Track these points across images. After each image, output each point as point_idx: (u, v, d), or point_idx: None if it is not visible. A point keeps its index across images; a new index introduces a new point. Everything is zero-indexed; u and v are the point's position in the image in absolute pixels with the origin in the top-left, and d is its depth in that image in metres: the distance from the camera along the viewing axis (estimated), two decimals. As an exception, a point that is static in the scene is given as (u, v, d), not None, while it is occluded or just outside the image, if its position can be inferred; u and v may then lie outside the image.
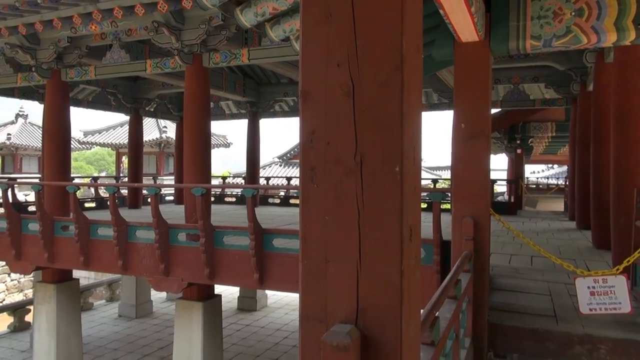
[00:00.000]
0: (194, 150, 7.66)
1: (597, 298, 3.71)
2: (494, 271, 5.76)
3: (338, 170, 1.22)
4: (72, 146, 12.27)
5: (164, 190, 15.97)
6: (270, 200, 14.40)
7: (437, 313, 2.76)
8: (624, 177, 5.27)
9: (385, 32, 1.17)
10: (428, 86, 11.48)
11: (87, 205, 12.01)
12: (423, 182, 18.09)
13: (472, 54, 3.72)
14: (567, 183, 14.49)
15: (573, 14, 3.47)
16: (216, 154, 29.98)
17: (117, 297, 14.04)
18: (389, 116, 1.17)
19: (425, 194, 9.19)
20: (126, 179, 15.15)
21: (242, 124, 20.33)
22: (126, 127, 14.22)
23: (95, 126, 26.35)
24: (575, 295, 3.85)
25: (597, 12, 3.41)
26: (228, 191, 15.56)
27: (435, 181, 15.12)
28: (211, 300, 7.66)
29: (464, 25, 3.31)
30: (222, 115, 15.49)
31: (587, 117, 8.40)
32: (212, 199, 15.32)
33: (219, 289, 9.22)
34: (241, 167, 22.27)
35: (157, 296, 14.09)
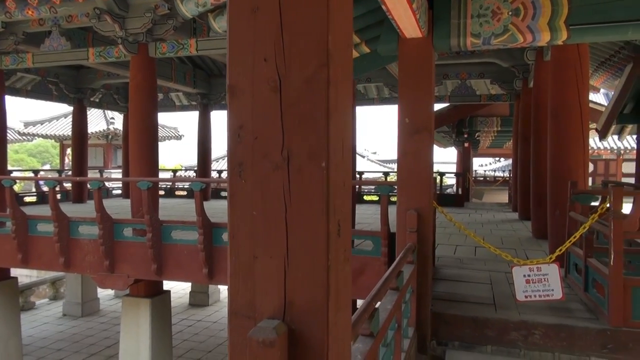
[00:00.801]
0: (140, 143, 7.43)
1: (532, 286, 3.90)
2: (440, 262, 5.94)
3: (265, 165, 1.21)
4: (9, 137, 11.61)
5: (111, 184, 15.44)
6: (223, 193, 14.20)
7: (379, 304, 2.82)
8: (559, 171, 5.55)
9: (311, 27, 1.16)
10: (379, 80, 11.63)
11: (27, 199, 11.42)
12: (375, 175, 18.35)
13: (415, 49, 3.79)
14: (511, 176, 15.09)
15: (510, 13, 3.60)
16: (167, 147, 29.25)
17: (62, 295, 13.48)
18: (315, 112, 1.17)
19: (374, 187, 9.31)
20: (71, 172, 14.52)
21: (195, 116, 19.89)
22: (71, 118, 13.61)
23: (37, 117, 25.03)
24: (514, 283, 4.03)
25: (532, 12, 3.55)
26: (179, 185, 15.22)
27: (386, 174, 15.37)
28: (159, 297, 7.49)
29: (407, 21, 3.36)
30: (172, 107, 15.11)
31: (528, 112, 8.77)
32: (162, 192, 14.97)
33: (169, 284, 9.03)
34: (193, 160, 21.83)
35: (105, 293, 13.63)
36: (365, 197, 13.52)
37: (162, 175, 18.04)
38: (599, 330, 3.64)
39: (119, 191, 14.95)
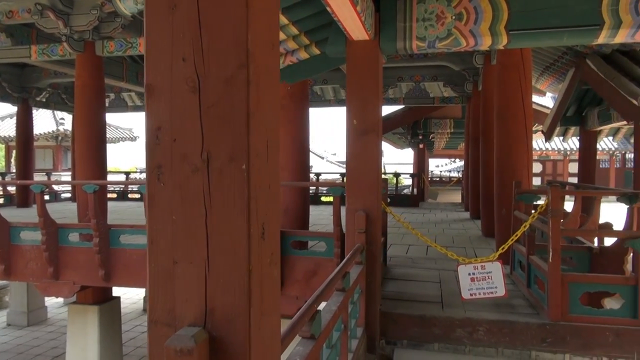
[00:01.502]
0: (87, 144, 7.16)
1: (477, 284, 4.00)
2: (392, 261, 6.02)
3: (185, 168, 1.18)
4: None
5: (60, 187, 14.83)
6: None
7: (324, 305, 2.82)
8: (505, 171, 5.73)
9: (229, 27, 1.14)
10: (336, 82, 11.69)
11: (-34, 204, 10.81)
12: (334, 177, 18.43)
13: (363, 52, 3.82)
14: (463, 176, 15.50)
15: (454, 17, 3.69)
16: (122, 148, 28.34)
17: (6, 304, 12.81)
18: (234, 113, 1.15)
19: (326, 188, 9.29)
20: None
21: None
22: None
23: (-21, 117, 23.73)
24: (459, 282, 4.12)
25: (474, 17, 3.65)
26: (133, 187, 14.79)
27: (344, 175, 15.46)
28: (108, 303, 7.24)
29: (353, 23, 3.38)
30: (124, 107, 14.67)
31: (477, 114, 9.03)
32: (114, 195, 14.51)
33: (120, 290, 8.75)
34: (148, 161, 21.18)
35: (53, 301, 13.06)
36: (322, 199, 13.56)
37: (115, 177, 17.49)
38: (539, 324, 3.78)
39: (69, 195, 14.37)
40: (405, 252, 6.72)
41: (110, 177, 15.82)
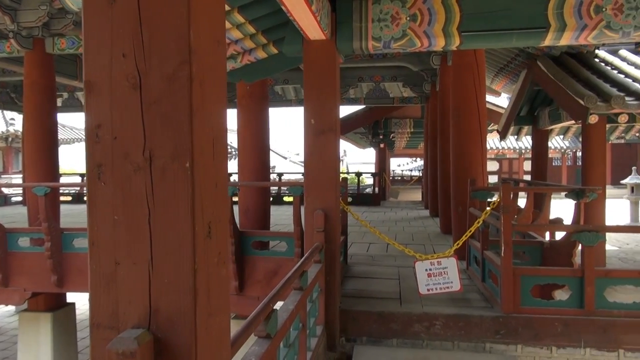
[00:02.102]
0: (37, 145, 6.88)
1: (433, 279, 4.09)
2: (352, 259, 6.08)
3: (126, 166, 1.15)
4: None
5: (11, 191, 14.21)
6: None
7: (282, 305, 2.82)
8: (460, 169, 5.89)
9: (170, 23, 1.12)
10: (297, 82, 11.69)
11: None
12: (297, 177, 18.42)
13: (319, 51, 3.83)
14: (423, 175, 15.81)
15: (408, 18, 3.75)
16: (78, 150, 27.38)
17: (-49, 315, 12.15)
18: (177, 111, 1.13)
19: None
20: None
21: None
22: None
23: None
24: (416, 278, 4.19)
25: (428, 19, 3.72)
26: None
27: (307, 175, 15.46)
28: (62, 310, 6.99)
29: (308, 23, 3.39)
30: (79, 107, 14.17)
31: (435, 114, 9.23)
32: (69, 198, 14.01)
33: (75, 296, 8.43)
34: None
35: (4, 310, 12.48)
36: (285, 199, 13.53)
37: (70, 180, 16.86)
38: (493, 317, 3.90)
39: (20, 198, 13.78)
40: (366, 250, 6.79)
41: (64, 179, 15.27)
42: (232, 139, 17.56)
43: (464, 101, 5.83)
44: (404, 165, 40.59)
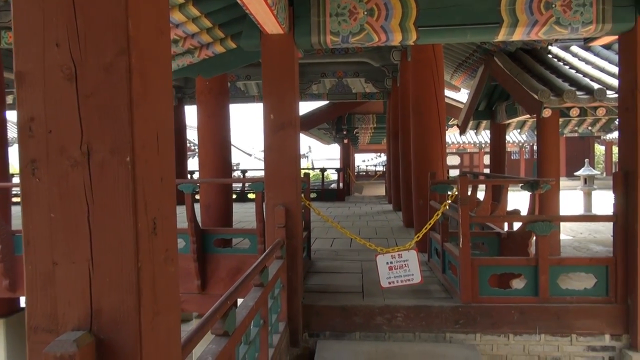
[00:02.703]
0: (-16, 144, 6.54)
1: (395, 272, 4.13)
2: (316, 255, 6.08)
3: (63, 162, 1.10)
4: None
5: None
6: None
7: (241, 302, 2.78)
8: (421, 163, 5.97)
9: (107, 10, 1.07)
10: (259, 78, 11.58)
11: None
12: (261, 173, 18.30)
13: (277, 46, 3.80)
14: (386, 170, 15.99)
15: (365, 13, 3.76)
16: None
17: None
18: (116, 103, 1.09)
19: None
20: None
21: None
22: None
23: None
24: (378, 271, 4.23)
25: (385, 13, 3.75)
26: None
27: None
28: (16, 316, 6.68)
29: (265, 17, 3.35)
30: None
31: (397, 109, 9.33)
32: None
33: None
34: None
35: (-47, 318, 11.88)
36: (249, 196, 13.41)
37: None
38: (452, 307, 3.98)
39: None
40: (330, 245, 6.81)
41: (16, 180, 14.63)
42: (193, 136, 17.26)
43: (423, 96, 5.91)
44: (368, 161, 40.95)
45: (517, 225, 6.09)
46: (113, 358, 1.11)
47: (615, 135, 18.61)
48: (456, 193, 4.25)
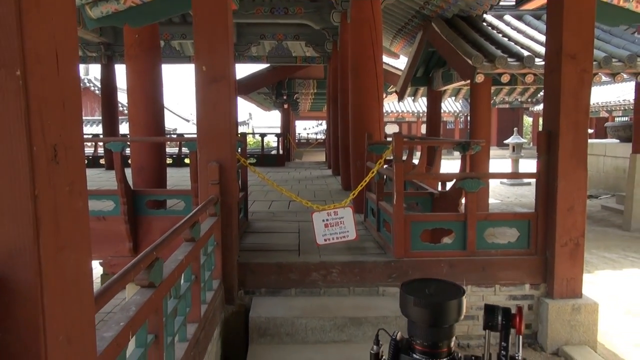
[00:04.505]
0: None
1: (330, 229, 4.16)
2: (254, 216, 6.02)
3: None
4: None
5: None
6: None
7: (171, 256, 2.69)
8: (359, 125, 5.99)
9: None
10: (189, 37, 11.08)
11: None
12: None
13: (209, -7, 3.60)
14: (326, 136, 16.04)
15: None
16: None
17: None
18: (2, 10, 0.95)
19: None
20: None
21: None
22: None
23: None
24: (314, 229, 4.24)
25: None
26: None
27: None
28: None
29: (195, -42, 3.14)
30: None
31: (336, 74, 9.27)
32: None
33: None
34: None
35: None
36: (186, 161, 13.01)
37: None
38: (386, 262, 4.08)
39: None
40: (268, 207, 6.77)
41: None
42: (123, 99, 16.42)
43: (361, 56, 5.88)
44: (309, 129, 40.93)
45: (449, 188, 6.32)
46: (10, 294, 1.02)
47: (542, 107, 19.67)
48: (391, 150, 4.30)
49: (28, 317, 1.03)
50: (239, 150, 5.02)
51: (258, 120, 40.69)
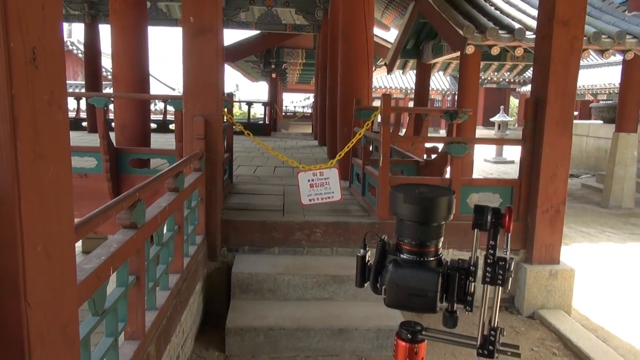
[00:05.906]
0: None
1: (315, 189, 4.16)
2: (239, 179, 5.99)
3: None
4: None
5: None
6: None
7: (154, 203, 2.65)
8: (348, 91, 5.93)
9: None
10: (182, -1, 10.81)
11: None
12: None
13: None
14: (313, 106, 15.92)
15: None
16: None
17: None
18: None
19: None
20: None
21: None
22: None
23: None
24: (299, 188, 4.23)
25: None
26: None
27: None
28: None
29: None
30: None
31: (326, 43, 9.14)
32: None
33: None
34: None
35: None
36: (171, 127, 12.83)
37: None
38: (369, 224, 4.10)
39: None
40: (253, 172, 6.73)
41: None
42: (108, 64, 16.02)
43: (353, 23, 5.79)
44: (297, 102, 40.62)
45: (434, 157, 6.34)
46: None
47: (528, 87, 19.66)
48: (379, 111, 4.27)
49: (5, 221, 1.00)
50: (226, 110, 4.95)
51: (245, 93, 40.26)
